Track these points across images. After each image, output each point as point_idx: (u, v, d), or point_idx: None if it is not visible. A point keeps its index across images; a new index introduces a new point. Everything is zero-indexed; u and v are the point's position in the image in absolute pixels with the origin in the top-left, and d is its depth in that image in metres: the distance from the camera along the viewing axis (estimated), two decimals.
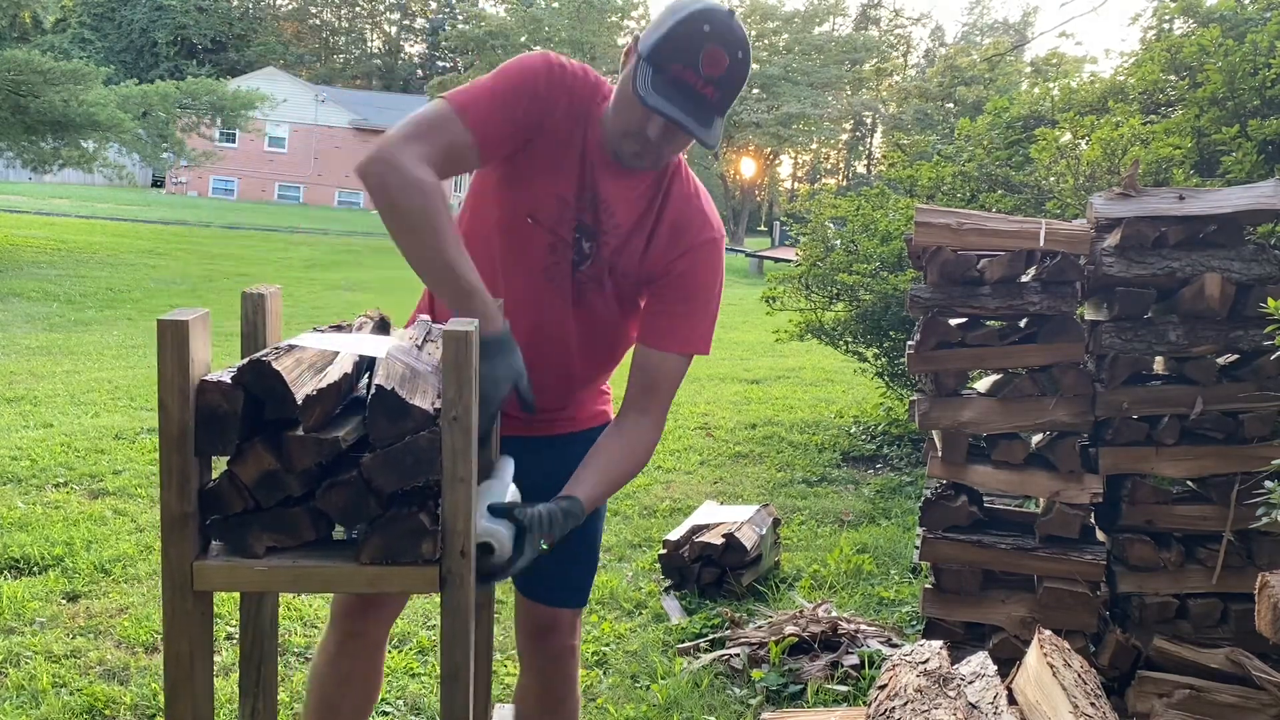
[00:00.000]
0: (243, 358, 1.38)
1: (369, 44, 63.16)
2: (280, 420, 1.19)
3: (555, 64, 1.81)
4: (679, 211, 1.88)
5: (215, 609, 3.47)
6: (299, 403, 1.16)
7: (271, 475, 1.19)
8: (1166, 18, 7.39)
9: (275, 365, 1.16)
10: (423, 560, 1.23)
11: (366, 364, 1.37)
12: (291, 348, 1.30)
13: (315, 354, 1.30)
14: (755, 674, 3.21)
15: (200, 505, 1.22)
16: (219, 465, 1.26)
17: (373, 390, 1.16)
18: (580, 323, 1.91)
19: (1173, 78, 5.85)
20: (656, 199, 1.88)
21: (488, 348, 1.56)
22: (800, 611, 3.60)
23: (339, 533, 1.29)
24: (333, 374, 1.23)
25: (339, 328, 1.61)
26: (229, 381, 1.16)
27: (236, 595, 1.92)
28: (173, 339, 1.13)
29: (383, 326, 1.63)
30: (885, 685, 1.87)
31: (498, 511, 1.51)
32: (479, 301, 1.61)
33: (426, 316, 1.72)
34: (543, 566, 2.05)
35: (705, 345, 1.94)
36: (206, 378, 1.18)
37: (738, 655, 3.34)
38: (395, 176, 1.61)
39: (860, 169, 50.51)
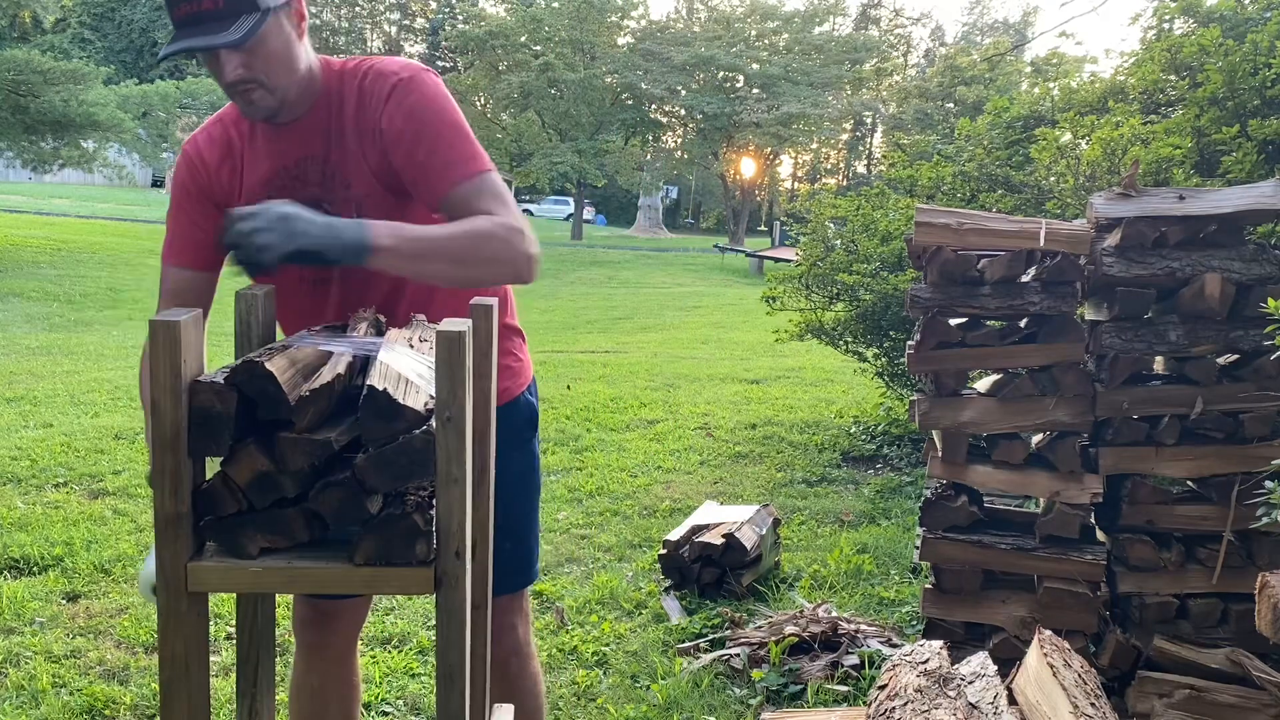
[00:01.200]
0: (236, 358, 1.38)
1: (369, 44, 63.16)
2: (274, 421, 1.18)
3: (186, 146, 1.94)
4: (355, 90, 1.81)
5: (216, 609, 3.48)
6: (292, 404, 1.15)
7: (265, 476, 1.18)
8: (1166, 18, 7.37)
9: (268, 366, 1.15)
10: (417, 561, 1.23)
11: (360, 364, 1.37)
12: (285, 348, 1.29)
13: (309, 354, 1.30)
14: (755, 674, 3.21)
15: (194, 506, 1.21)
16: (213, 466, 1.26)
17: (364, 391, 1.15)
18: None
19: (1173, 78, 5.84)
20: (337, 109, 1.82)
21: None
22: (800, 611, 3.59)
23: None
24: (326, 375, 1.22)
25: (333, 328, 1.60)
26: (222, 382, 1.16)
27: (235, 595, 1.91)
28: (164, 339, 1.13)
29: (377, 327, 1.63)
30: (885, 685, 1.87)
31: None
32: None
33: (423, 316, 1.71)
34: None
35: (477, 163, 1.76)
36: (199, 378, 1.18)
37: (738, 655, 3.33)
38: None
39: (860, 169, 50.52)
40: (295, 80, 1.76)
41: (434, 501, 1.23)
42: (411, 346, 1.40)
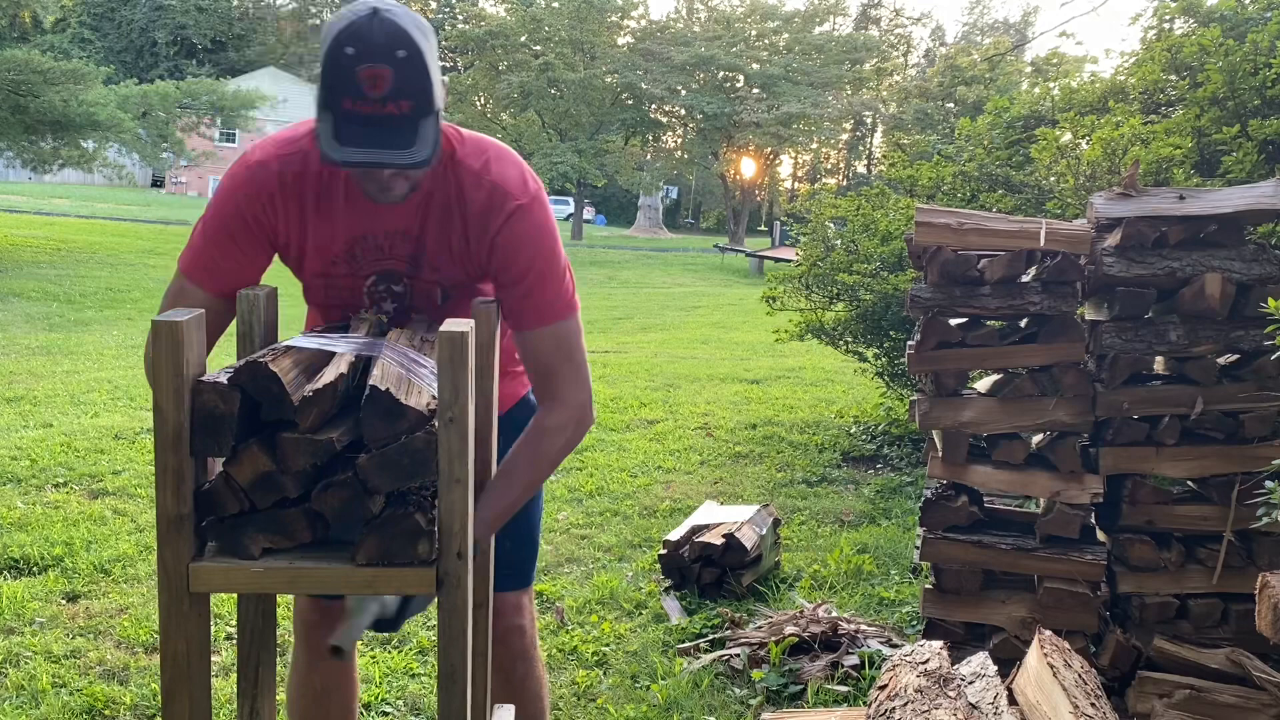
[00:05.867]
0: (239, 359, 1.38)
1: None
2: (277, 421, 1.18)
3: (253, 165, 1.74)
4: (475, 197, 1.74)
5: (215, 609, 3.48)
6: (295, 404, 1.15)
7: (267, 477, 1.18)
8: (1167, 18, 7.37)
9: (272, 366, 1.15)
10: (419, 561, 1.23)
11: (363, 365, 1.37)
12: (288, 349, 1.29)
13: (312, 355, 1.30)
14: (755, 674, 3.21)
15: (196, 507, 1.21)
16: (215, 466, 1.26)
17: (367, 391, 1.15)
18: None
19: (1173, 78, 5.83)
20: (450, 199, 1.75)
21: None
22: (800, 612, 3.59)
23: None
24: (329, 375, 1.22)
25: (336, 329, 1.60)
26: (225, 382, 1.16)
27: (236, 596, 1.92)
28: (167, 340, 1.13)
29: (379, 328, 1.63)
30: (885, 685, 1.87)
31: None
32: None
33: (423, 315, 1.71)
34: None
35: (565, 309, 1.79)
36: (203, 379, 1.18)
37: (738, 655, 3.33)
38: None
39: (860, 169, 50.49)
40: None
41: (436, 501, 1.24)
42: (413, 346, 1.40)
